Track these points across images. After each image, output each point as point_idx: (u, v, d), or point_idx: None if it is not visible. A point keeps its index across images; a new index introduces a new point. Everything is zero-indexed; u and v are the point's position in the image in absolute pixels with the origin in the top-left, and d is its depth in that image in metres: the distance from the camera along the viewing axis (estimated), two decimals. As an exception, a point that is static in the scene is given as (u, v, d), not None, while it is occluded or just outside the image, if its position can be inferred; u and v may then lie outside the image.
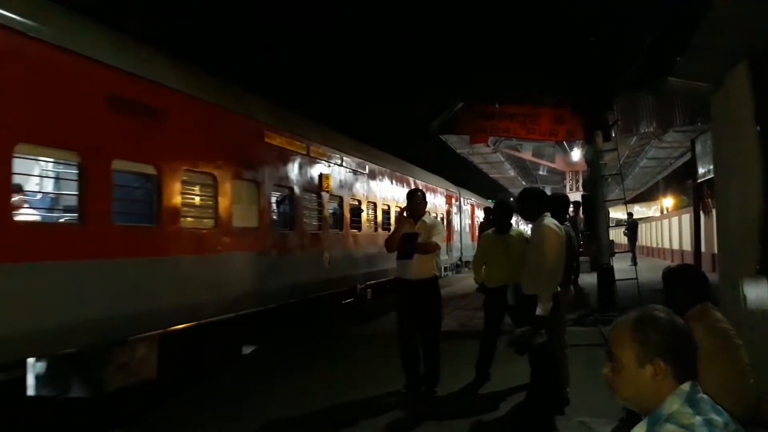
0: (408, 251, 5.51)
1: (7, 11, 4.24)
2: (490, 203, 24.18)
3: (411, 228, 5.64)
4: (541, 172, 26.04)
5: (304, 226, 8.86)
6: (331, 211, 10.14)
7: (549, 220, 4.62)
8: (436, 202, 16.84)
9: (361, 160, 11.63)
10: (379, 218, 12.52)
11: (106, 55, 5.18)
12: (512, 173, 25.53)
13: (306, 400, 5.55)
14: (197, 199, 6.46)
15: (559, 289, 4.60)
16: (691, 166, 13.73)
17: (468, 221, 23.23)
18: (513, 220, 6.21)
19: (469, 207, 23.55)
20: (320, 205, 9.43)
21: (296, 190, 8.58)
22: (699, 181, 12.66)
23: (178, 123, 6.04)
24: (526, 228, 5.78)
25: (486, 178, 27.37)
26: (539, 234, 4.59)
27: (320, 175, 9.36)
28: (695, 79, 5.00)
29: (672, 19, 4.87)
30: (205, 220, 6.50)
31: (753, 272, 4.04)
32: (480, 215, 24.01)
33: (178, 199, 5.93)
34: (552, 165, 22.34)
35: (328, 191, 9.58)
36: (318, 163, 9.40)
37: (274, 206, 8.19)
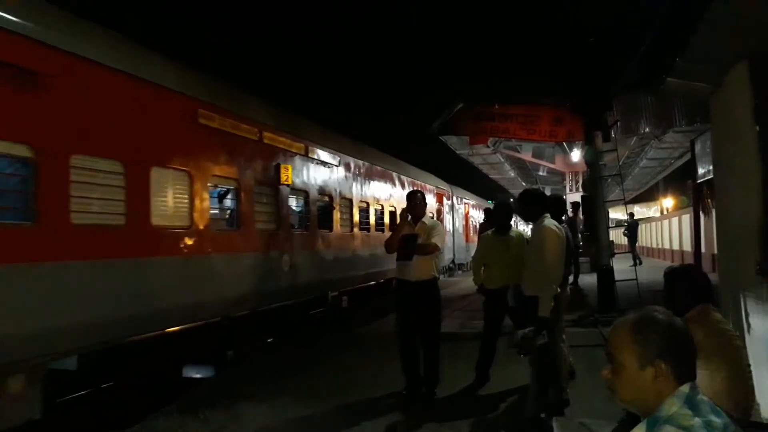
0: (407, 252, 5.51)
1: None
2: (489, 204, 24.15)
3: (411, 229, 5.64)
4: (541, 173, 25.97)
5: (256, 225, 7.58)
6: (292, 209, 8.98)
7: (549, 221, 4.62)
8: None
9: (333, 151, 10.21)
10: (356, 217, 11.18)
11: None
12: (512, 174, 25.46)
13: (305, 402, 5.54)
14: (98, 191, 5.17)
15: (559, 290, 4.60)
16: (690, 167, 13.72)
17: (461, 221, 22.10)
18: (512, 221, 6.21)
19: (462, 206, 22.41)
20: (278, 200, 8.15)
21: (244, 182, 7.29)
22: (699, 181, 12.64)
23: (68, 93, 4.91)
24: (525, 228, 5.78)
25: (486, 179, 27.35)
26: (540, 235, 4.59)
27: (278, 167, 8.09)
28: (695, 80, 5.00)
29: (671, 20, 4.87)
30: (111, 217, 5.28)
31: (752, 273, 4.04)
32: (474, 215, 23.83)
33: (68, 190, 4.84)
34: (552, 166, 22.28)
35: (288, 185, 8.32)
36: (275, 152, 8.11)
37: (213, 201, 6.99)
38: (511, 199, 23.91)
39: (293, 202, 9.03)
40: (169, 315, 5.90)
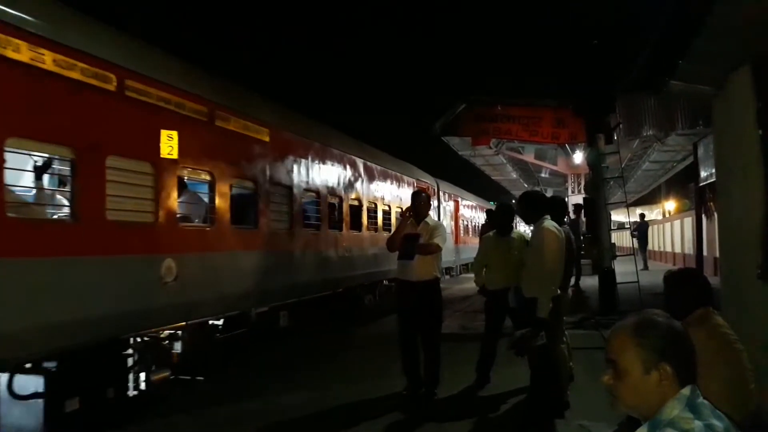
0: (409, 252, 5.52)
1: None
2: (491, 205, 24.12)
3: (413, 228, 5.65)
4: (543, 175, 25.98)
5: (107, 216, 4.90)
6: (187, 195, 6.47)
7: (549, 223, 4.63)
8: (400, 194, 12.82)
9: (260, 123, 7.38)
10: (296, 210, 8.25)
11: None
12: (514, 175, 25.47)
13: (306, 402, 5.55)
14: None
15: (558, 291, 4.60)
16: (693, 170, 13.73)
17: (450, 221, 19.56)
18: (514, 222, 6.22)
19: (452, 203, 19.94)
20: (157, 183, 5.51)
21: (88, 153, 4.74)
22: (701, 184, 12.65)
23: None
24: (527, 229, 5.78)
25: (488, 180, 27.39)
26: (539, 236, 4.59)
27: (157, 133, 5.57)
28: (697, 83, 5.01)
29: (674, 23, 4.87)
30: None
31: (754, 276, 4.03)
32: (468, 214, 23.50)
33: None
34: (554, 167, 22.27)
35: (173, 160, 5.73)
36: (150, 112, 5.49)
37: (20, 178, 4.70)
38: (513, 201, 23.86)
39: (188, 187, 6.53)
40: None
